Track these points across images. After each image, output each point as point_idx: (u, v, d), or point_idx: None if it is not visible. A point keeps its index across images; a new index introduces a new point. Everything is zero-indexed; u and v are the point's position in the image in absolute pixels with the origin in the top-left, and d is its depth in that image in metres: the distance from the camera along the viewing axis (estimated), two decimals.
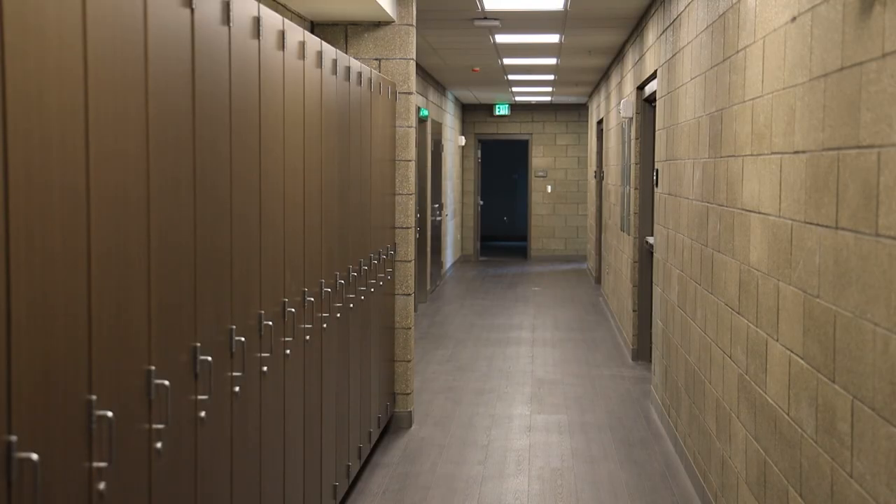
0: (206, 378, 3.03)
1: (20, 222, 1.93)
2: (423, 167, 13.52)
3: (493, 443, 6.70)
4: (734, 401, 4.70)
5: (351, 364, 5.39)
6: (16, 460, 1.90)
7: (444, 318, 12.22)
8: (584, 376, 8.89)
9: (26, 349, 1.95)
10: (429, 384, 8.49)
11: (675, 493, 5.69)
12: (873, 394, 2.80)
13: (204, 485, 3.03)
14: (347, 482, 5.33)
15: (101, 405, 2.30)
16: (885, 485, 2.71)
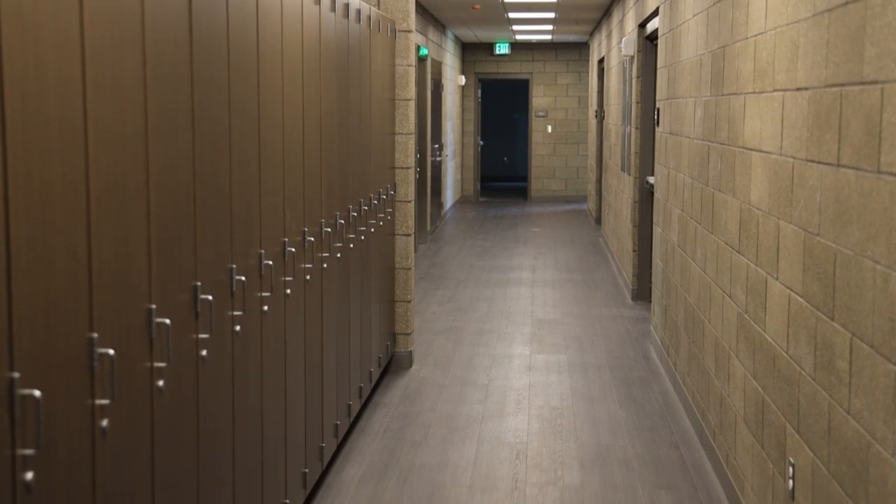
0: (207, 317, 3.04)
1: (18, 158, 1.92)
2: (423, 107, 13.44)
3: (493, 382, 6.75)
4: (733, 340, 4.72)
5: (351, 304, 5.41)
6: (18, 397, 1.91)
7: (444, 259, 12.23)
8: (584, 316, 8.93)
9: (26, 286, 1.95)
10: (429, 325, 8.52)
11: (673, 431, 5.74)
12: (872, 331, 2.81)
13: (206, 422, 3.05)
14: (348, 421, 5.37)
15: (103, 343, 2.30)
16: (882, 421, 2.73)
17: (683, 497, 4.76)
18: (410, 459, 5.23)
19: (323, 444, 4.73)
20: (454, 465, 5.15)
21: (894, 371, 2.65)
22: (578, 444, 5.51)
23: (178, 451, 2.81)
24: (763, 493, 4.04)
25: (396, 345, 7.08)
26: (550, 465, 5.17)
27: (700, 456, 5.32)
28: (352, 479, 4.94)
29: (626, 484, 4.92)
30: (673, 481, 4.96)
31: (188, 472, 2.90)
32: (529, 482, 4.94)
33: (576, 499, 4.73)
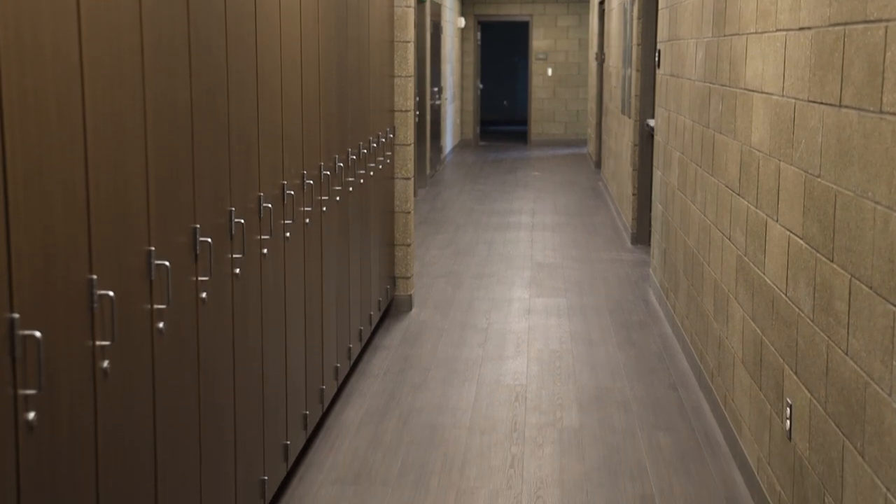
0: (207, 259, 3.04)
1: (14, 98, 1.90)
2: (422, 50, 13.33)
3: (493, 326, 6.77)
4: (732, 282, 4.73)
5: (351, 247, 5.41)
6: (19, 337, 1.91)
7: (443, 203, 12.22)
8: (584, 260, 8.94)
9: (25, 227, 1.95)
10: (429, 268, 8.53)
11: (671, 373, 5.78)
12: (871, 272, 2.81)
13: (206, 364, 3.07)
14: (349, 363, 5.40)
15: (103, 285, 2.30)
16: (879, 361, 2.74)
17: (681, 438, 4.81)
18: (410, 402, 5.26)
19: (323, 386, 4.76)
20: (454, 408, 5.19)
21: (893, 311, 2.65)
22: (577, 386, 5.55)
23: (178, 393, 2.83)
24: (760, 433, 4.08)
25: (396, 288, 7.09)
26: (549, 408, 5.21)
27: (698, 397, 5.36)
28: (352, 421, 4.98)
29: (624, 425, 4.96)
30: (671, 422, 5.00)
31: (189, 414, 2.92)
32: (528, 424, 4.98)
33: (574, 440, 4.77)
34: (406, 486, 4.23)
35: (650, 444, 4.72)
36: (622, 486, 4.26)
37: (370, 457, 4.54)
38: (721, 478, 4.35)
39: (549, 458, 4.55)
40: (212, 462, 3.12)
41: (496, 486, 4.25)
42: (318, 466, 4.43)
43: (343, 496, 4.13)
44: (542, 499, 4.13)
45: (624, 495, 4.17)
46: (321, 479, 4.29)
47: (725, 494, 4.19)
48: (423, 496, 4.14)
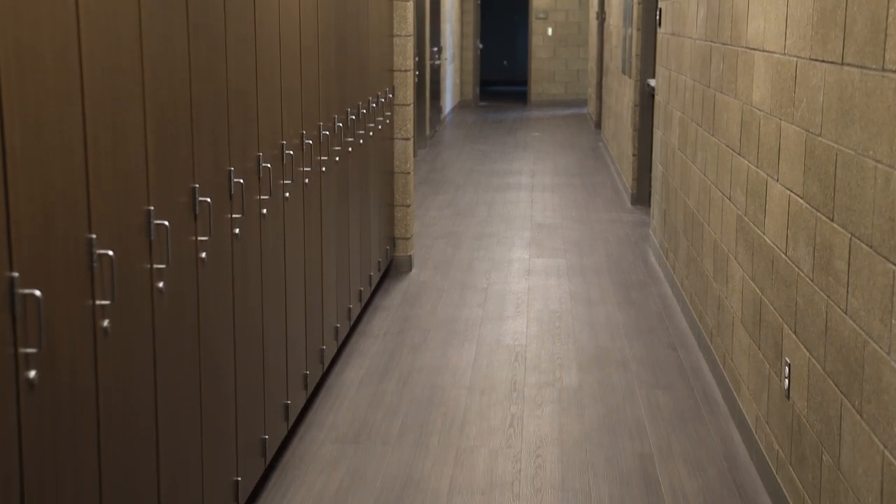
0: (206, 219, 3.04)
1: (10, 51, 1.89)
2: (422, 8, 13.23)
3: (493, 286, 6.78)
4: (732, 242, 4.72)
5: (350, 208, 5.40)
6: (19, 296, 1.91)
7: (443, 164, 12.19)
8: (584, 221, 8.93)
9: (24, 186, 1.94)
10: (428, 229, 8.53)
11: (671, 333, 5.79)
12: (871, 231, 2.81)
13: (206, 324, 3.07)
14: (349, 324, 5.42)
15: (102, 244, 2.30)
16: (878, 319, 2.74)
17: (680, 397, 4.83)
18: (410, 362, 5.28)
19: (323, 346, 4.77)
20: (454, 368, 5.21)
21: (893, 270, 2.65)
22: (577, 346, 5.57)
23: (179, 352, 2.83)
24: (759, 392, 4.09)
25: (396, 249, 7.09)
26: (549, 367, 5.23)
27: (697, 357, 5.38)
28: (352, 381, 5.00)
29: (623, 385, 4.98)
30: (670, 382, 5.02)
31: (190, 373, 2.93)
32: (528, 384, 5.00)
33: (574, 399, 4.79)
34: (406, 446, 4.26)
35: (649, 404, 4.74)
36: (621, 444, 4.29)
37: (370, 416, 4.57)
38: (719, 436, 4.38)
39: (548, 418, 4.57)
40: (212, 421, 3.14)
41: (496, 446, 4.27)
42: (318, 426, 4.46)
43: (343, 455, 4.16)
44: (541, 457, 4.16)
45: (623, 454, 4.19)
46: (322, 438, 4.32)
47: (724, 453, 4.21)
48: (423, 455, 4.17)
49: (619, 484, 3.93)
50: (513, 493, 3.85)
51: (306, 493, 3.83)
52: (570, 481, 3.95)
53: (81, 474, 2.22)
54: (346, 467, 4.05)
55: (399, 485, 3.90)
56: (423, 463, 4.10)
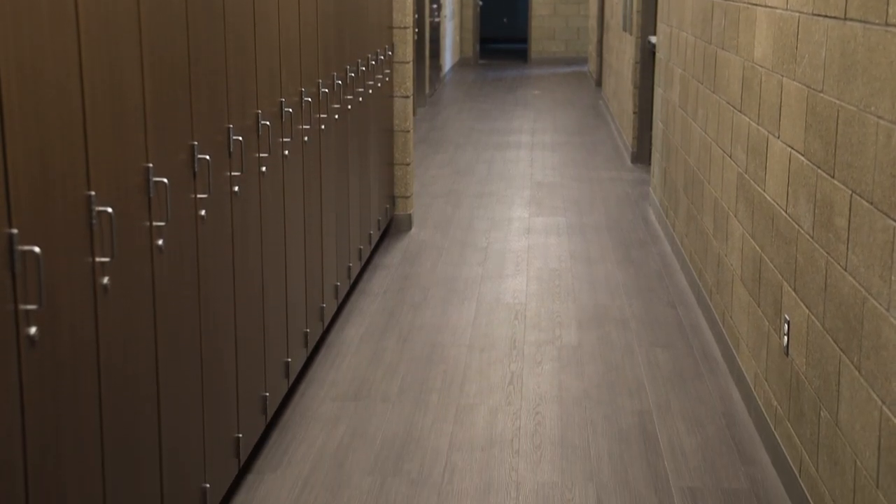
0: (205, 177, 3.03)
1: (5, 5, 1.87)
2: None
3: (492, 245, 6.78)
4: (732, 200, 4.72)
5: (350, 166, 5.39)
6: (18, 253, 1.91)
7: (442, 122, 12.14)
8: (584, 179, 8.91)
9: (22, 142, 1.93)
10: (428, 188, 8.52)
11: (670, 291, 5.80)
12: (872, 187, 2.80)
13: (206, 282, 3.07)
14: (348, 282, 5.42)
15: (101, 201, 2.30)
16: (878, 276, 2.75)
17: (679, 354, 4.84)
18: (410, 320, 5.29)
19: (323, 304, 4.78)
20: (453, 326, 5.22)
21: (893, 227, 2.65)
22: (576, 304, 5.58)
23: (179, 310, 2.84)
24: (758, 349, 4.11)
25: (396, 207, 7.08)
26: (549, 325, 5.24)
27: (696, 315, 5.39)
28: (352, 339, 5.01)
29: (623, 342, 4.99)
30: (669, 339, 5.04)
31: (190, 330, 2.93)
32: (528, 342, 5.01)
33: (573, 357, 4.81)
34: (406, 403, 4.28)
35: (648, 361, 4.76)
36: (620, 402, 4.31)
37: (370, 374, 4.59)
38: (718, 394, 4.40)
39: (547, 375, 4.59)
40: (213, 378, 3.15)
41: (495, 403, 4.29)
42: (319, 383, 4.47)
43: (344, 412, 4.18)
44: (540, 414, 4.18)
45: (622, 411, 4.22)
46: (322, 396, 4.34)
47: (722, 410, 4.23)
48: (423, 412, 4.19)
49: (619, 440, 3.95)
50: (512, 449, 3.88)
51: (307, 449, 3.85)
52: (569, 438, 3.97)
53: (83, 431, 2.23)
54: (346, 424, 4.07)
55: (399, 442, 3.92)
56: (423, 420, 4.12)
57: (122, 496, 2.46)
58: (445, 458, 3.80)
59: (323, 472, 3.67)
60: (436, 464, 3.75)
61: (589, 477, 3.66)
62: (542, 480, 3.64)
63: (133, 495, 2.53)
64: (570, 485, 3.61)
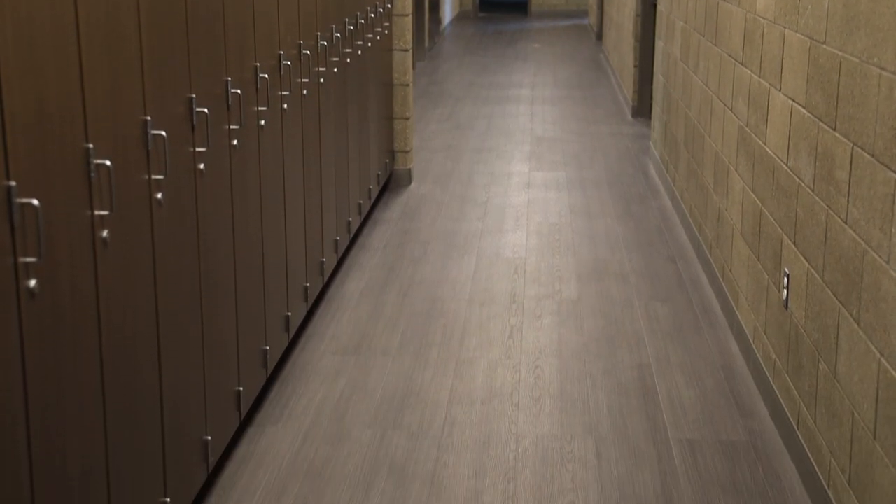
0: (204, 130, 3.01)
1: None
2: None
3: (492, 199, 6.77)
4: (733, 153, 4.70)
5: (349, 120, 5.36)
6: (17, 205, 1.91)
7: (442, 77, 12.07)
8: (584, 134, 8.88)
9: (19, 94, 1.92)
10: (428, 142, 8.49)
11: (670, 245, 5.80)
12: (874, 139, 2.79)
13: (206, 235, 3.07)
14: (348, 237, 5.42)
15: (99, 154, 2.29)
16: (878, 228, 2.74)
17: (679, 308, 4.85)
18: (410, 274, 5.30)
19: (323, 259, 4.78)
20: (453, 280, 5.22)
21: (894, 179, 2.64)
22: (576, 258, 5.58)
23: (179, 264, 2.84)
24: (757, 303, 4.11)
25: (395, 162, 7.06)
26: (548, 280, 5.25)
27: (696, 269, 5.39)
28: (353, 293, 5.02)
29: (622, 297, 5.00)
30: (668, 294, 5.05)
31: (190, 284, 2.94)
32: (527, 296, 5.02)
33: (573, 311, 4.82)
34: (406, 357, 4.30)
35: (648, 315, 4.77)
36: (619, 355, 4.32)
37: (370, 328, 4.60)
38: (717, 347, 4.41)
39: (547, 330, 4.60)
40: (213, 331, 3.16)
41: (495, 357, 4.31)
42: (319, 337, 4.49)
43: (344, 366, 4.20)
44: (539, 368, 4.20)
45: (621, 365, 4.23)
46: (322, 349, 4.35)
47: (721, 363, 4.25)
48: (422, 366, 4.21)
49: (618, 394, 3.97)
50: (512, 402, 3.90)
51: (307, 402, 3.87)
52: (568, 391, 3.99)
53: (84, 383, 2.24)
54: (346, 378, 4.09)
55: (399, 395, 3.94)
56: (422, 374, 4.14)
57: (124, 448, 2.48)
58: (445, 411, 3.82)
59: (323, 425, 3.70)
60: (435, 417, 3.77)
61: (588, 429, 3.69)
62: (542, 433, 3.66)
63: (134, 448, 2.55)
64: (570, 437, 3.63)
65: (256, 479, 3.34)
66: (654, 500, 3.23)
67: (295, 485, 3.30)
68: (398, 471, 3.39)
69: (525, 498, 3.24)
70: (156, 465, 2.69)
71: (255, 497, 3.23)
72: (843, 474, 2.96)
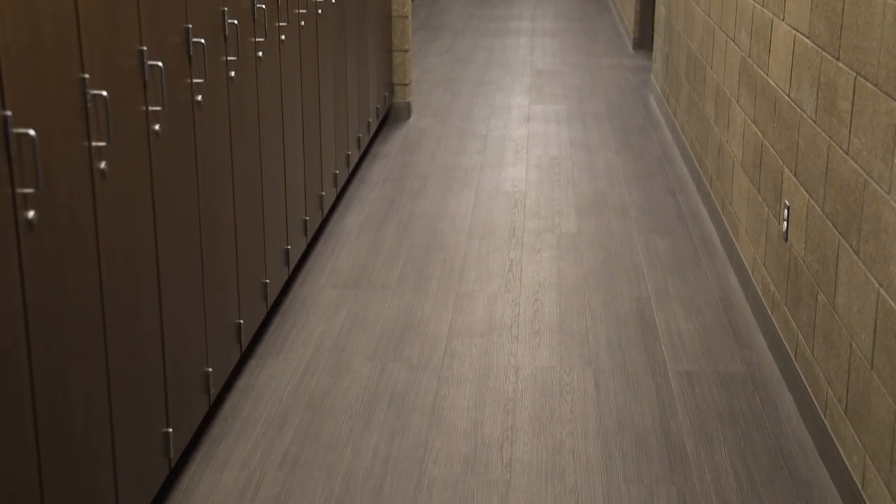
0: (201, 61, 2.98)
1: None
2: None
3: (492, 133, 6.74)
4: (735, 85, 4.66)
5: (348, 53, 5.31)
6: (13, 135, 1.89)
7: (441, 9, 11.94)
8: (584, 66, 8.81)
9: (12, 22, 1.89)
10: (427, 75, 8.42)
11: (670, 178, 5.78)
12: (877, 69, 2.77)
13: (204, 169, 3.05)
14: (347, 171, 5.40)
15: (95, 84, 2.26)
16: (880, 159, 2.73)
17: (678, 241, 4.86)
18: (410, 208, 5.29)
19: (322, 192, 4.77)
20: (453, 214, 5.22)
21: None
22: (576, 192, 5.57)
23: (177, 196, 2.83)
24: (757, 235, 4.11)
25: (394, 95, 7.01)
26: (548, 213, 5.24)
27: (696, 202, 5.39)
28: (352, 227, 5.02)
29: (622, 230, 5.00)
30: (668, 227, 5.04)
31: (189, 217, 2.93)
32: (527, 229, 5.02)
33: (572, 244, 4.82)
34: (406, 290, 4.31)
35: (647, 248, 4.77)
36: (619, 288, 4.33)
37: (370, 261, 4.60)
38: (716, 280, 4.42)
39: (546, 263, 4.61)
40: (213, 264, 3.16)
41: (494, 290, 4.32)
42: (319, 270, 4.49)
43: (344, 299, 4.21)
44: (539, 301, 4.21)
45: (620, 297, 4.24)
46: (322, 283, 4.36)
47: (720, 295, 4.26)
48: (422, 299, 4.22)
49: (617, 326, 3.99)
50: (511, 335, 3.91)
51: (308, 335, 3.89)
52: (567, 324, 4.01)
53: (85, 315, 2.25)
54: (346, 311, 4.10)
55: (399, 328, 3.96)
56: (422, 307, 4.15)
57: (125, 379, 2.49)
58: (445, 343, 3.84)
59: (324, 358, 3.72)
60: (435, 349, 3.79)
61: (587, 361, 3.71)
62: (541, 365, 3.68)
63: (136, 379, 2.56)
64: (569, 369, 3.65)
65: (258, 410, 3.37)
66: (653, 431, 3.26)
67: (296, 416, 3.33)
68: (398, 403, 3.42)
69: (524, 429, 3.27)
70: (157, 396, 2.71)
71: (256, 428, 3.26)
72: (840, 404, 2.99)
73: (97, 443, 2.32)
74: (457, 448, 3.16)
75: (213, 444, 3.16)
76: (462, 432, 3.25)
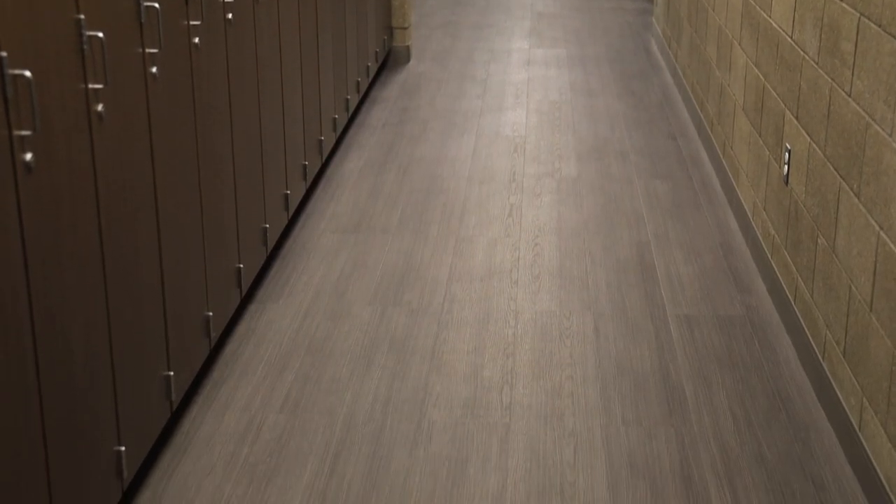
0: (198, 2, 2.95)
1: None
2: None
3: (492, 77, 6.69)
4: (737, 27, 4.62)
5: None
6: (9, 76, 1.88)
7: None
8: (585, 10, 8.72)
9: None
10: (426, 19, 8.34)
11: (671, 122, 5.75)
12: (881, 9, 2.74)
13: (203, 112, 3.04)
14: (346, 115, 5.37)
15: (91, 26, 2.24)
16: (882, 101, 2.71)
17: (678, 185, 4.84)
18: (409, 153, 5.27)
19: (321, 137, 4.75)
20: (453, 158, 5.20)
21: None
22: (576, 136, 5.54)
23: (176, 140, 2.81)
24: (757, 179, 4.10)
25: (393, 39, 6.95)
26: (548, 158, 5.22)
27: (697, 146, 5.36)
28: (352, 172, 5.00)
29: (622, 174, 4.98)
30: (668, 171, 5.03)
31: (188, 161, 2.92)
32: (527, 174, 5.00)
33: (572, 189, 4.81)
34: (406, 234, 4.30)
35: (647, 193, 4.76)
36: (618, 233, 4.33)
37: (370, 206, 4.59)
38: (716, 223, 4.42)
39: (546, 207, 4.60)
40: (212, 209, 3.15)
41: (494, 234, 4.32)
42: (318, 215, 4.49)
43: (344, 243, 4.21)
44: (539, 245, 4.21)
45: (620, 242, 4.24)
46: (322, 227, 4.36)
47: (720, 239, 4.26)
48: (422, 243, 4.22)
49: (616, 270, 3.99)
50: (511, 279, 3.92)
51: (308, 279, 3.89)
52: (567, 268, 4.01)
53: (84, 258, 2.25)
54: (346, 255, 4.10)
55: (399, 272, 3.96)
56: (422, 251, 4.15)
57: (126, 323, 2.50)
58: (445, 288, 3.84)
59: (324, 302, 3.73)
60: (435, 294, 3.80)
61: (587, 306, 3.72)
62: (541, 309, 3.69)
63: (136, 323, 2.57)
64: (568, 313, 3.66)
65: (258, 354, 3.38)
66: (652, 375, 3.27)
67: (296, 360, 3.35)
68: (398, 347, 3.43)
69: (524, 373, 3.29)
70: (158, 340, 2.72)
71: (257, 371, 3.27)
72: (839, 346, 3.00)
73: (99, 386, 2.33)
74: (457, 391, 3.17)
75: (215, 388, 3.18)
76: (462, 376, 3.26)
